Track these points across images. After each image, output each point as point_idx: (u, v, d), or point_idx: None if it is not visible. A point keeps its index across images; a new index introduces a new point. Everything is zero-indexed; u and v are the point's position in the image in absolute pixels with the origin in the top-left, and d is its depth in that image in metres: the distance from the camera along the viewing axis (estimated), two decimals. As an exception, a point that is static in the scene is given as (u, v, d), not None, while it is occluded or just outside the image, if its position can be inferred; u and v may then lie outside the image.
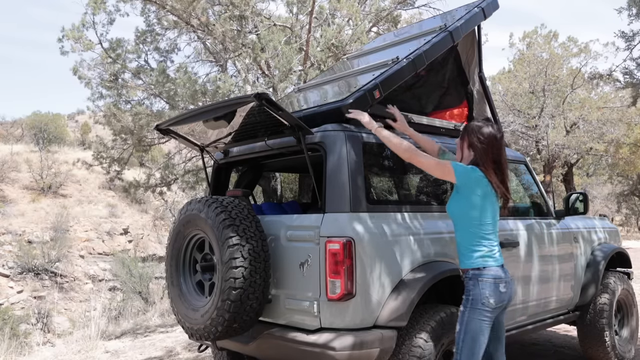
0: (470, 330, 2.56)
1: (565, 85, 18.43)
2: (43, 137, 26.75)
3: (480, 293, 2.57)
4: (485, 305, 2.56)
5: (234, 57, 8.54)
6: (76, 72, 8.76)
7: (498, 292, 2.58)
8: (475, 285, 2.59)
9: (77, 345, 6.75)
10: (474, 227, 2.63)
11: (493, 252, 2.64)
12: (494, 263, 2.62)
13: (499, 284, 2.59)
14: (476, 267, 2.61)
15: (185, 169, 10.04)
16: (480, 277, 2.59)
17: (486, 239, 2.63)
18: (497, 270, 2.61)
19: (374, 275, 2.75)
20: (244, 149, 3.60)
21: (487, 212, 2.63)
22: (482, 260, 2.61)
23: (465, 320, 2.58)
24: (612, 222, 7.58)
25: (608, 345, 4.28)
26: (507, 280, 2.63)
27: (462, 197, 2.66)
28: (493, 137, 2.68)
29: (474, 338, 2.55)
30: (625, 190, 26.90)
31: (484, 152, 2.66)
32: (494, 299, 2.56)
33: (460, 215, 2.68)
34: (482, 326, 2.56)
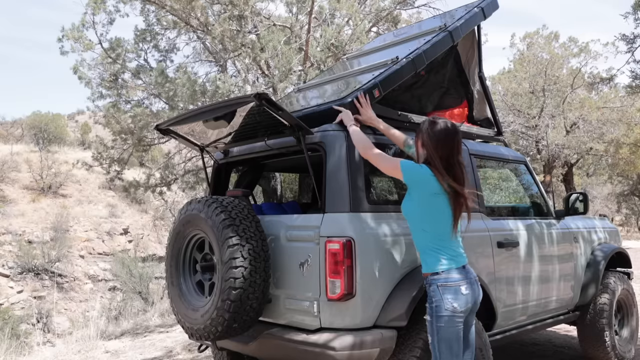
0: (442, 339, 2.46)
1: (565, 85, 18.43)
2: (43, 137, 26.76)
3: (442, 299, 2.45)
4: (450, 311, 2.44)
5: (234, 57, 8.55)
6: (76, 72, 8.76)
7: (460, 295, 2.46)
8: (436, 292, 2.48)
9: (77, 345, 6.75)
10: (426, 229, 2.54)
11: (450, 254, 2.52)
12: (452, 265, 2.50)
13: (460, 286, 2.47)
14: (434, 272, 2.51)
15: (185, 169, 10.05)
16: (439, 282, 2.48)
17: (440, 240, 2.53)
18: (456, 272, 2.50)
19: (374, 275, 2.75)
20: (244, 149, 3.60)
21: (438, 212, 2.52)
22: (439, 264, 2.50)
23: (434, 330, 2.47)
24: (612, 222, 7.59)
25: (608, 345, 4.28)
26: (470, 281, 2.52)
27: (411, 197, 2.58)
28: (442, 134, 2.56)
29: (449, 346, 2.45)
30: (625, 190, 26.91)
31: (434, 150, 2.54)
32: (457, 303, 2.45)
33: (412, 216, 2.60)
34: (453, 333, 2.46)
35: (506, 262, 3.53)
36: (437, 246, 2.52)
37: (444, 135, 2.56)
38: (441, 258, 2.51)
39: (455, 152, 2.57)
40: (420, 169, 2.54)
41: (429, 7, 9.62)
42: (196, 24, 8.27)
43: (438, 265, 2.50)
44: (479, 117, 4.09)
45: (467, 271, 2.55)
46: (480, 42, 4.07)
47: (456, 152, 2.57)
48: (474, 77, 4.03)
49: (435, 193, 2.50)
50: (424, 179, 2.51)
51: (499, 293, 3.42)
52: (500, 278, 3.45)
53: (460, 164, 2.56)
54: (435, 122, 2.61)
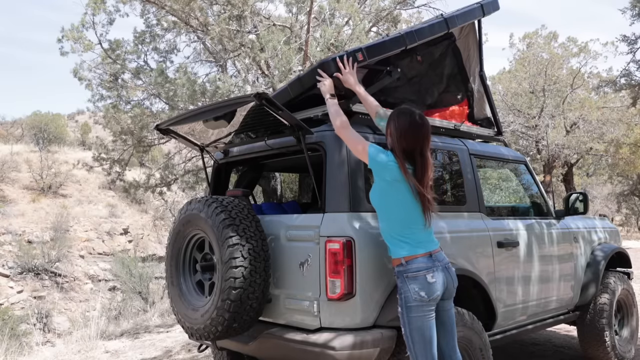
0: (414, 329, 2.46)
1: (565, 85, 18.43)
2: (43, 137, 26.76)
3: (408, 289, 2.46)
4: (418, 300, 2.44)
5: (234, 57, 8.55)
6: (77, 74, 8.76)
7: (426, 283, 2.45)
8: (403, 282, 2.48)
9: (77, 345, 6.74)
10: (388, 216, 2.54)
11: (413, 241, 2.50)
12: (413, 252, 2.49)
13: (426, 275, 2.46)
14: (398, 262, 2.52)
15: (185, 169, 10.05)
16: (405, 273, 2.48)
17: (402, 228, 2.52)
18: (421, 260, 2.48)
19: (374, 274, 2.75)
20: (244, 148, 3.60)
21: (399, 199, 2.50)
22: (403, 252, 2.50)
23: (405, 320, 2.48)
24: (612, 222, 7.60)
25: (608, 345, 4.28)
26: (436, 268, 2.49)
27: (375, 184, 2.58)
28: (406, 126, 2.53)
29: (421, 335, 2.45)
30: (625, 190, 26.91)
31: (397, 141, 2.53)
32: (424, 291, 2.44)
33: (376, 204, 2.60)
34: (424, 322, 2.45)
35: (506, 262, 3.53)
36: (399, 234, 2.52)
37: (407, 126, 2.54)
38: (403, 245, 2.51)
39: (419, 146, 2.54)
40: (384, 156, 2.53)
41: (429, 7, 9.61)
42: (196, 24, 8.27)
43: (399, 252, 2.51)
44: (480, 117, 4.09)
45: (434, 259, 2.52)
46: (482, 40, 4.07)
47: (419, 146, 2.54)
48: (474, 75, 4.03)
49: (395, 180, 2.49)
50: (386, 166, 2.51)
51: (499, 293, 3.42)
52: (500, 278, 3.45)
53: (423, 158, 2.53)
54: (402, 112, 2.60)
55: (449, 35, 3.77)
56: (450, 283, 2.56)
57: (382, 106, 3.00)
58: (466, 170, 3.52)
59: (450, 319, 2.61)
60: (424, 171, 2.52)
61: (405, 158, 2.51)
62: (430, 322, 2.48)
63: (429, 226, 2.56)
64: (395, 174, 2.49)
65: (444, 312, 2.58)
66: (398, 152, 2.52)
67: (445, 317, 2.59)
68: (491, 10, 3.99)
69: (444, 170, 3.54)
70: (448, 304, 2.60)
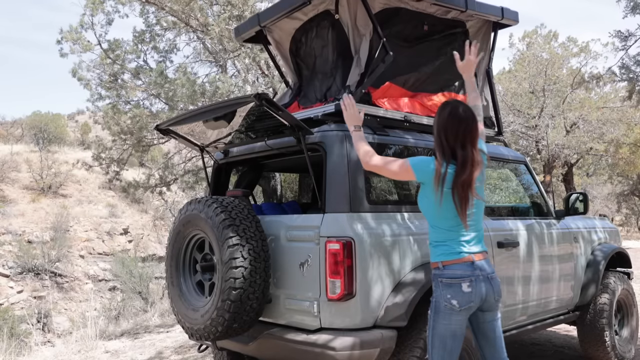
0: (437, 335, 2.37)
1: (565, 85, 18.43)
2: (43, 137, 26.75)
3: (440, 294, 2.36)
4: (448, 308, 2.33)
5: (234, 57, 8.54)
6: (75, 74, 8.76)
7: (461, 292, 2.32)
8: (437, 286, 2.39)
9: (77, 345, 6.74)
10: (435, 224, 2.43)
11: (453, 247, 2.37)
12: (456, 257, 2.35)
13: (462, 283, 2.33)
14: (435, 265, 2.41)
15: (185, 169, 10.05)
16: (440, 276, 2.38)
17: (447, 232, 2.39)
18: (460, 267, 2.35)
19: (374, 275, 2.75)
20: (244, 149, 3.60)
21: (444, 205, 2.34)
22: (441, 256, 2.39)
23: (431, 324, 2.40)
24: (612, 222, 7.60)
25: (608, 345, 4.28)
26: (476, 277, 2.35)
27: (423, 192, 2.45)
28: (445, 119, 2.36)
29: (442, 343, 2.36)
30: (625, 190, 26.89)
31: (436, 137, 2.39)
32: (456, 300, 2.32)
33: (424, 212, 2.49)
34: (448, 330, 2.35)
35: (506, 262, 3.53)
36: (442, 239, 2.40)
37: (447, 119, 2.36)
38: (441, 249, 2.40)
39: (459, 141, 2.33)
40: (429, 164, 2.39)
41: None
42: (196, 24, 8.27)
43: (437, 256, 2.41)
44: (485, 115, 4.08)
45: (475, 267, 2.36)
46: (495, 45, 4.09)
47: (460, 141, 2.33)
48: (483, 71, 4.05)
49: (432, 182, 2.36)
50: (432, 171, 2.36)
51: (499, 293, 3.41)
52: (500, 278, 3.44)
53: (464, 154, 2.32)
54: (443, 106, 2.42)
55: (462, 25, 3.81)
56: (491, 295, 2.41)
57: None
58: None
59: (493, 332, 2.48)
60: (464, 169, 2.31)
61: (444, 156, 2.34)
62: (455, 332, 2.36)
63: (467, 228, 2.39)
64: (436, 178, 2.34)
65: (485, 324, 2.47)
66: (437, 151, 2.37)
67: (487, 330, 2.48)
68: (510, 17, 4.00)
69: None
70: (490, 316, 2.47)
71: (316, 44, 3.66)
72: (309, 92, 3.77)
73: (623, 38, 7.56)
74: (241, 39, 4.12)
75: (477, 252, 2.40)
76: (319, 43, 3.64)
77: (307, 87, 3.81)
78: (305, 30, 3.71)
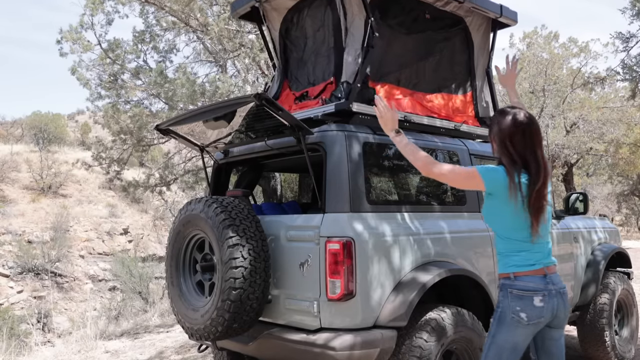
0: (495, 345, 2.25)
1: (565, 85, 18.43)
2: (43, 137, 26.73)
3: (508, 306, 2.21)
4: (515, 320, 2.19)
5: (233, 57, 8.54)
6: (74, 73, 8.75)
7: (532, 306, 2.18)
8: (505, 296, 2.24)
9: (77, 345, 6.74)
10: (507, 235, 2.28)
11: (527, 258, 2.24)
12: (525, 269, 2.23)
13: (534, 296, 2.18)
14: (506, 275, 2.27)
15: (185, 169, 10.05)
16: (510, 286, 2.23)
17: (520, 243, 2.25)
18: (532, 279, 2.22)
19: (374, 275, 2.75)
20: (244, 149, 3.60)
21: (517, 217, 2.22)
22: (510, 266, 2.26)
23: (492, 331, 2.27)
24: (612, 222, 7.58)
25: (608, 345, 4.28)
26: (549, 292, 2.21)
27: (492, 203, 2.30)
28: (510, 127, 2.23)
29: (498, 353, 2.24)
30: (625, 190, 26.89)
31: (503, 146, 2.24)
32: (526, 313, 2.18)
33: (493, 223, 2.35)
34: (509, 342, 2.22)
35: (506, 262, 3.52)
36: (515, 250, 2.26)
37: (512, 126, 2.23)
38: (515, 261, 2.25)
39: (529, 147, 2.22)
40: (499, 174, 2.23)
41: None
42: (195, 24, 8.27)
43: (509, 267, 2.26)
44: (485, 115, 4.09)
45: (547, 280, 2.23)
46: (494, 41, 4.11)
47: (530, 147, 2.22)
48: (482, 72, 4.06)
49: (505, 192, 2.21)
50: (506, 184, 2.20)
51: (499, 293, 3.41)
52: (500, 278, 3.44)
53: (537, 161, 2.22)
54: (503, 112, 2.30)
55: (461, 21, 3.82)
56: (562, 311, 2.26)
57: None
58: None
59: (558, 350, 2.35)
60: (538, 177, 2.20)
61: (515, 165, 2.21)
62: (516, 345, 2.24)
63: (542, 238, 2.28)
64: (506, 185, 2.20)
65: (551, 342, 2.33)
66: (506, 160, 2.23)
67: (553, 347, 2.34)
68: (509, 16, 4.01)
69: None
70: (557, 333, 2.33)
71: (309, 24, 3.62)
72: (301, 76, 3.71)
73: (624, 39, 7.57)
74: (237, 15, 4.08)
75: (549, 264, 2.29)
76: (312, 24, 3.60)
77: (299, 70, 3.75)
78: (299, 9, 3.67)
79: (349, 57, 3.25)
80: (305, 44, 3.68)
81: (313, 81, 3.55)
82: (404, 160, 3.31)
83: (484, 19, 4.00)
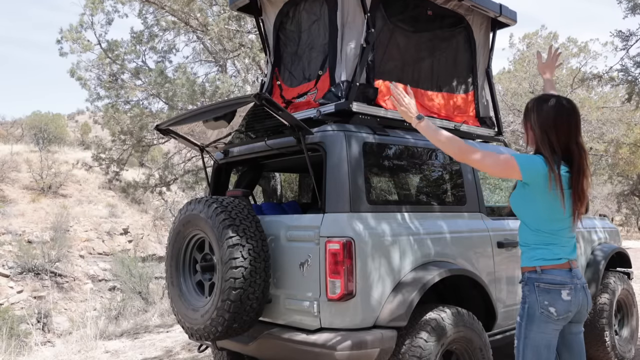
0: (530, 345, 2.17)
1: (565, 85, 18.42)
2: (43, 137, 26.72)
3: (536, 300, 2.16)
4: (545, 316, 2.15)
5: (233, 57, 8.55)
6: (74, 74, 8.75)
7: (560, 299, 2.14)
8: (532, 291, 2.19)
9: (77, 345, 6.74)
10: (538, 227, 2.21)
11: (556, 251, 2.20)
12: (553, 262, 2.18)
13: (561, 290, 2.15)
14: (531, 268, 2.21)
15: (184, 169, 10.05)
16: (537, 280, 2.18)
17: (550, 236, 2.20)
18: (559, 273, 2.17)
19: (374, 275, 2.75)
20: (244, 149, 3.60)
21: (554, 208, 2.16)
22: (537, 259, 2.20)
23: (522, 333, 2.19)
24: (612, 222, 7.57)
25: (608, 345, 4.28)
26: (575, 286, 2.17)
27: (526, 193, 2.21)
28: (552, 114, 2.16)
29: (536, 352, 2.16)
30: (625, 190, 26.89)
31: (543, 135, 2.16)
32: (554, 308, 2.14)
33: (524, 213, 2.26)
34: (543, 340, 2.16)
35: (506, 262, 3.53)
36: (543, 242, 2.20)
37: (554, 114, 2.16)
38: (542, 254, 2.20)
39: (573, 135, 2.17)
40: (538, 164, 2.14)
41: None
42: (195, 24, 8.27)
43: (536, 260, 2.20)
44: (485, 115, 4.09)
45: (572, 274, 2.19)
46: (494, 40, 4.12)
47: (574, 135, 2.18)
48: (482, 70, 4.06)
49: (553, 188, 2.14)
50: (545, 175, 2.12)
51: (499, 293, 3.42)
52: (500, 278, 3.45)
53: (580, 150, 2.16)
54: (542, 100, 2.22)
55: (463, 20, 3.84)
56: (585, 306, 2.24)
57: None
58: (466, 170, 3.52)
59: (579, 345, 2.32)
60: (581, 168, 2.15)
61: (554, 155, 2.14)
62: (550, 342, 2.18)
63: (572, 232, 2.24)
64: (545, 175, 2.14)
65: (572, 336, 2.29)
66: (546, 149, 2.15)
67: (574, 342, 2.30)
68: (508, 15, 4.02)
69: (444, 171, 3.54)
70: (578, 328, 2.30)
71: (305, 18, 3.60)
72: (296, 70, 3.68)
73: (624, 38, 7.56)
74: (235, 7, 4.06)
75: (573, 258, 2.25)
76: (308, 17, 3.58)
77: (294, 65, 3.72)
78: (295, 2, 3.66)
79: (348, 55, 3.24)
80: (299, 38, 3.66)
81: (309, 76, 3.54)
82: (404, 160, 3.32)
83: (484, 18, 4.01)
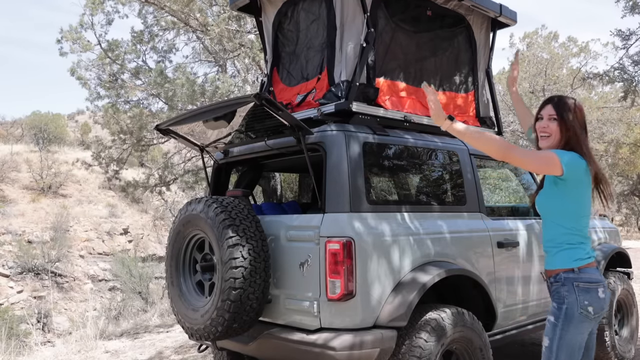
0: (565, 345, 2.15)
1: (565, 85, 18.43)
2: (43, 137, 26.72)
3: (576, 300, 2.15)
4: (583, 315, 2.14)
5: (233, 57, 8.55)
6: (74, 73, 8.76)
7: (597, 298, 2.16)
8: (570, 291, 2.17)
9: (77, 345, 6.74)
10: (571, 225, 2.23)
11: (588, 250, 2.25)
12: (590, 262, 2.21)
13: (598, 288, 2.17)
14: (568, 269, 2.20)
15: (184, 169, 10.06)
16: (576, 280, 2.17)
17: (582, 236, 2.24)
18: (594, 271, 2.21)
19: (374, 275, 2.75)
20: (244, 149, 3.60)
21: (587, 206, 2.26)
22: (576, 260, 2.20)
23: (558, 334, 2.17)
24: (612, 222, 7.57)
25: (608, 345, 4.27)
26: (604, 282, 2.22)
27: (562, 191, 2.22)
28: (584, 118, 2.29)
29: (570, 354, 2.15)
30: (625, 190, 26.88)
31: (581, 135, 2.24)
32: (593, 307, 2.15)
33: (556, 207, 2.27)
34: (578, 340, 2.17)
35: (506, 262, 3.53)
36: (575, 241, 2.23)
37: (584, 118, 2.30)
38: (577, 254, 2.22)
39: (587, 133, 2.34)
40: (580, 161, 2.19)
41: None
42: (195, 24, 8.27)
43: (575, 261, 2.20)
44: (485, 115, 4.09)
45: (599, 272, 2.23)
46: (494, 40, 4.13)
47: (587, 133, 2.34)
48: (483, 70, 4.07)
49: (588, 183, 2.23)
50: (586, 169, 2.19)
51: (499, 293, 3.42)
52: (500, 278, 3.45)
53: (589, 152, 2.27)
54: (576, 101, 2.31)
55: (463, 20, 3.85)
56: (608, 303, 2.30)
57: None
58: (466, 170, 3.52)
59: (592, 342, 2.34)
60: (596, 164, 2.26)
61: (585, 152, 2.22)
62: (583, 342, 2.20)
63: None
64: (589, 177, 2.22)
65: (590, 335, 2.30)
66: (584, 147, 2.23)
67: (590, 341, 2.32)
68: (508, 15, 4.03)
69: (444, 170, 3.54)
70: (596, 326, 2.32)
71: (304, 17, 3.60)
72: (294, 70, 3.68)
73: (624, 37, 7.55)
74: (235, 7, 4.06)
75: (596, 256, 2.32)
76: (307, 17, 3.58)
77: (292, 64, 3.72)
78: (294, 2, 3.66)
79: (347, 55, 3.24)
80: (297, 38, 3.66)
81: (307, 76, 3.54)
82: (404, 160, 3.32)
83: (484, 18, 4.01)
